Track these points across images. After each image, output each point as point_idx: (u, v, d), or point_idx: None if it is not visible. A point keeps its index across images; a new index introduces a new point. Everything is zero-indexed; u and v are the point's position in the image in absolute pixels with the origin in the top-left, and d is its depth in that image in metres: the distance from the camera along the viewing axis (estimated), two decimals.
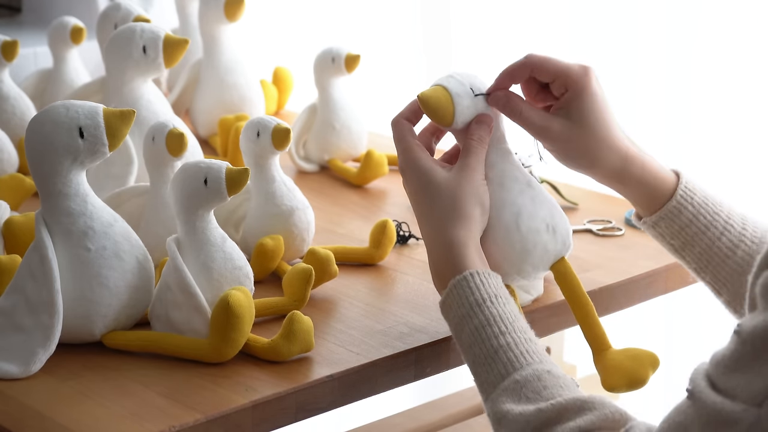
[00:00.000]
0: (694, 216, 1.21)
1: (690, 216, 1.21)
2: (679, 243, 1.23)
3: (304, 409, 1.11)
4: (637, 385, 1.16)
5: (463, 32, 2.14)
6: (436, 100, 1.18)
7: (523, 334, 1.08)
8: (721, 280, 1.23)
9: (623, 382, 1.16)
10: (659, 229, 1.23)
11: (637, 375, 1.16)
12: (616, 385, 1.16)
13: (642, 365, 1.16)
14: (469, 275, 1.11)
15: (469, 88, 1.19)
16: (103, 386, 1.10)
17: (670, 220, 1.22)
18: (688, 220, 1.21)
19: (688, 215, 1.21)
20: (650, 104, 1.93)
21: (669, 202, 1.21)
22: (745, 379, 0.86)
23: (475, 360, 1.08)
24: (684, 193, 1.21)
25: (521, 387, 1.04)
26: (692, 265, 1.24)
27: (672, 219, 1.22)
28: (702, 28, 1.85)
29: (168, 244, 1.17)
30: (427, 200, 1.16)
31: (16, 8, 2.25)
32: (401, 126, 1.20)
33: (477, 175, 1.17)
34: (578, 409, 1.00)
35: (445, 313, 1.13)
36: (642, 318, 1.97)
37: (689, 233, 1.22)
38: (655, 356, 1.17)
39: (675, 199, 1.21)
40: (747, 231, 1.22)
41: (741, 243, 1.21)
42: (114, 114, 1.14)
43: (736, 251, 1.21)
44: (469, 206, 1.16)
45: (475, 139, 1.18)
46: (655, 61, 1.91)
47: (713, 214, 1.22)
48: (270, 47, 2.32)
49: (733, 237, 1.21)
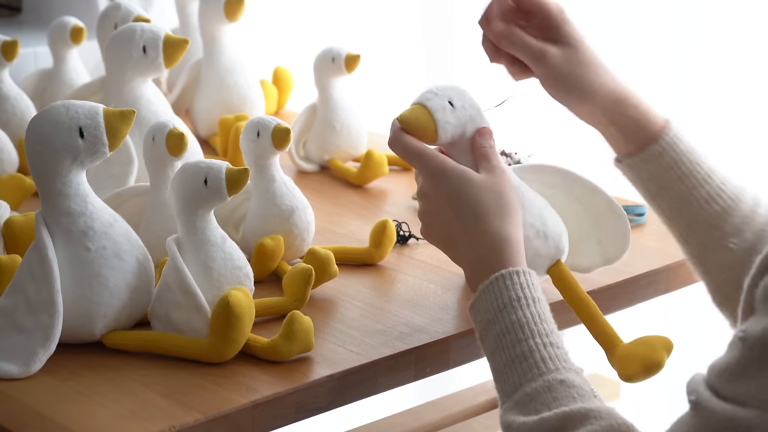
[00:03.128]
0: (674, 162, 1.22)
1: (671, 161, 1.22)
2: (656, 188, 1.23)
3: (304, 408, 1.11)
4: (653, 369, 1.13)
5: (464, 32, 2.14)
6: (416, 120, 1.17)
7: (543, 338, 1.06)
8: (692, 227, 1.23)
9: (639, 368, 1.13)
10: (638, 172, 1.23)
11: (653, 359, 1.13)
12: (633, 373, 1.13)
13: (655, 349, 1.13)
14: (500, 276, 1.09)
15: (447, 102, 1.18)
16: (103, 386, 1.10)
17: (650, 162, 1.22)
18: (668, 165, 1.22)
19: (669, 160, 1.22)
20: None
21: (653, 145, 1.22)
22: (755, 384, 0.86)
23: (496, 367, 1.07)
24: (670, 139, 1.22)
25: (530, 400, 1.02)
26: (666, 212, 1.24)
27: (652, 161, 1.22)
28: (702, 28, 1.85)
29: (168, 244, 1.17)
30: (470, 199, 1.14)
31: (16, 8, 2.25)
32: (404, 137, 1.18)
33: (507, 175, 1.17)
34: (582, 418, 0.99)
35: (473, 315, 1.11)
36: (642, 318, 1.97)
37: (667, 178, 1.22)
38: (668, 339, 1.15)
39: (659, 143, 1.21)
40: (726, 187, 1.23)
41: (717, 197, 1.22)
42: (114, 114, 1.14)
43: (712, 204, 1.22)
44: (515, 202, 1.15)
45: (486, 146, 1.18)
46: (655, 61, 1.91)
47: (695, 164, 1.22)
48: (270, 47, 2.32)
49: (711, 189, 1.22)
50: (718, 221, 1.21)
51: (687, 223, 1.23)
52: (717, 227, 1.21)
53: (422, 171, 1.17)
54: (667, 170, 1.21)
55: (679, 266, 1.38)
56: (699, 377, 0.90)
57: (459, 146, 1.19)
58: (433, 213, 1.17)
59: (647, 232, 1.45)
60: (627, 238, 1.26)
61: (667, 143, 1.21)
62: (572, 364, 1.05)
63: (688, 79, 1.89)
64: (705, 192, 1.21)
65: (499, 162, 1.17)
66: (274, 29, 2.35)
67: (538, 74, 1.22)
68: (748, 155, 1.85)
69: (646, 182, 1.23)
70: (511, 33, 1.22)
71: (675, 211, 1.23)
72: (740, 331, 0.87)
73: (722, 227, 1.22)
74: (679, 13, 1.87)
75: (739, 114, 1.85)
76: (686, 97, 1.89)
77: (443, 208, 1.15)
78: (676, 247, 1.29)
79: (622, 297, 1.34)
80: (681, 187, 1.22)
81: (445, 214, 1.15)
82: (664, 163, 1.21)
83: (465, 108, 1.19)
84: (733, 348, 0.88)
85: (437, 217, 1.17)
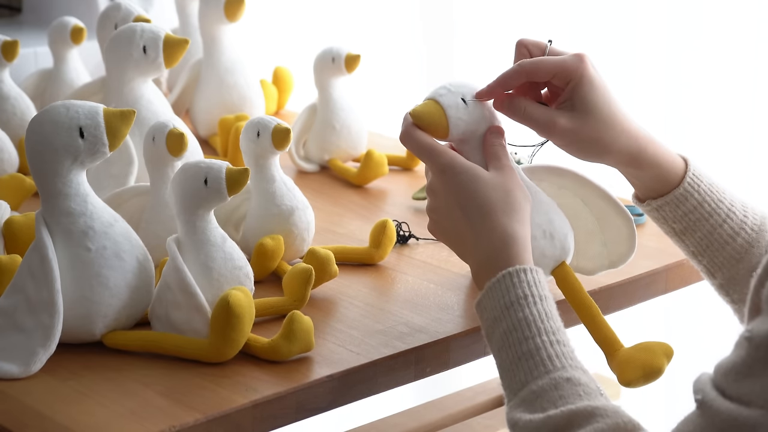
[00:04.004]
0: (698, 203, 1.22)
1: (695, 203, 1.22)
2: (681, 227, 1.23)
3: (304, 408, 1.11)
4: (653, 375, 1.14)
5: (464, 32, 2.14)
6: (428, 115, 1.17)
7: (550, 336, 1.06)
8: (717, 265, 1.24)
9: (639, 374, 1.13)
10: (663, 213, 1.23)
11: (653, 365, 1.13)
12: (633, 378, 1.14)
13: (656, 355, 1.14)
14: (507, 273, 1.09)
15: (460, 99, 1.19)
16: (103, 386, 1.10)
17: (675, 206, 1.22)
18: (693, 207, 1.22)
19: (694, 202, 1.22)
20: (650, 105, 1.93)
21: (676, 189, 1.22)
22: (760, 384, 0.86)
23: (502, 364, 1.07)
24: (692, 180, 1.22)
25: (537, 397, 1.02)
26: (690, 248, 1.24)
27: (677, 204, 1.22)
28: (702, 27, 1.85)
29: (168, 244, 1.17)
30: (478, 196, 1.14)
31: (16, 8, 2.25)
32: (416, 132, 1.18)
33: (516, 174, 1.17)
34: (588, 416, 0.99)
35: (479, 312, 1.11)
36: (642, 318, 1.97)
37: (692, 219, 1.22)
38: (668, 346, 1.15)
39: (683, 186, 1.22)
40: (748, 219, 1.23)
41: (741, 231, 1.22)
42: (114, 114, 1.14)
43: (736, 238, 1.22)
44: (523, 201, 1.15)
45: (497, 145, 1.18)
46: (656, 62, 1.91)
47: (717, 201, 1.22)
48: (270, 47, 2.32)
49: (734, 224, 1.22)
50: (743, 254, 1.22)
51: (713, 260, 1.24)
52: (742, 260, 1.23)
53: (432, 167, 1.17)
54: (691, 211, 1.22)
55: (679, 266, 1.38)
56: (705, 377, 0.90)
57: (470, 144, 1.19)
58: (441, 209, 1.17)
59: (647, 232, 1.45)
60: (633, 243, 1.26)
61: (689, 184, 1.22)
62: (579, 362, 1.05)
63: (688, 79, 1.89)
64: (729, 227, 1.22)
65: (509, 161, 1.17)
66: (274, 29, 2.35)
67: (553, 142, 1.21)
68: (748, 155, 1.85)
69: (671, 222, 1.23)
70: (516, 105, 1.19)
71: (700, 249, 1.24)
72: (746, 331, 0.87)
73: (747, 259, 1.23)
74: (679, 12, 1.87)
75: (739, 114, 1.85)
76: (686, 97, 1.89)
77: (451, 204, 1.15)
78: (676, 247, 1.29)
79: (622, 297, 1.34)
80: (706, 226, 1.22)
81: (452, 211, 1.15)
82: (688, 205, 1.22)
83: (477, 105, 1.19)
84: (739, 348, 0.88)
85: (445, 214, 1.17)
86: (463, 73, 2.15)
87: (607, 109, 1.18)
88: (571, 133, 1.18)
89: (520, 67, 1.18)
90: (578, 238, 1.25)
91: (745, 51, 1.82)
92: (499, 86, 1.19)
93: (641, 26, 1.92)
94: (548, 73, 1.18)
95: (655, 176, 1.22)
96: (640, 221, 1.47)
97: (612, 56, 1.93)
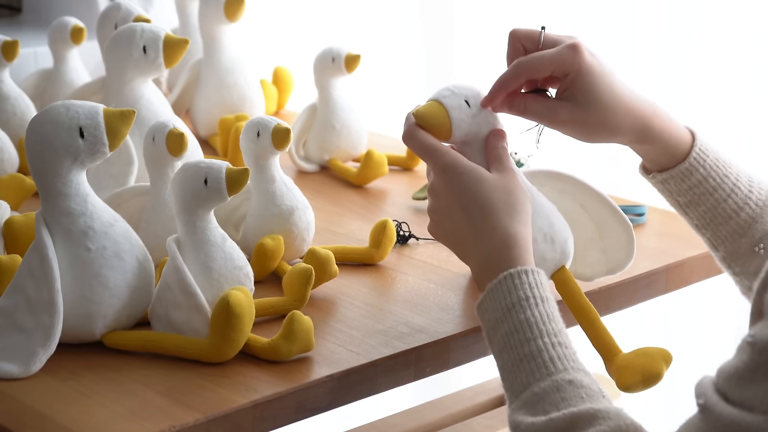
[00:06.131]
0: (703, 178, 1.22)
1: (700, 177, 1.22)
2: (685, 200, 1.24)
3: (304, 408, 1.11)
4: (652, 381, 1.14)
5: (464, 32, 2.14)
6: (431, 115, 1.18)
7: (552, 338, 1.05)
8: (720, 238, 1.24)
9: (638, 379, 1.13)
10: (667, 186, 1.24)
11: (651, 370, 1.13)
12: (631, 383, 1.14)
13: (654, 360, 1.14)
14: (509, 275, 1.09)
15: (464, 101, 1.19)
16: (103, 386, 1.10)
17: (680, 180, 1.23)
18: (698, 181, 1.22)
19: (699, 176, 1.22)
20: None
21: (682, 163, 1.22)
22: (763, 389, 0.85)
23: (504, 366, 1.07)
24: (698, 155, 1.22)
25: (539, 400, 1.02)
26: (694, 221, 1.25)
27: (682, 178, 1.23)
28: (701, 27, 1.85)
29: (168, 244, 1.17)
30: (480, 197, 1.14)
31: (16, 8, 2.25)
32: (419, 132, 1.18)
33: (518, 176, 1.17)
34: (591, 418, 0.99)
35: (480, 314, 1.11)
36: (642, 318, 1.97)
37: (696, 192, 1.23)
38: (667, 351, 1.15)
39: (688, 161, 1.22)
40: (753, 194, 1.24)
41: (745, 206, 1.23)
42: (114, 114, 1.14)
43: (740, 213, 1.23)
44: (525, 202, 1.15)
45: (500, 148, 1.18)
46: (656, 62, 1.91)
47: (723, 176, 1.23)
48: (270, 47, 2.32)
49: (738, 200, 1.23)
50: (746, 229, 1.23)
51: (716, 234, 1.24)
52: (745, 234, 1.23)
53: (434, 167, 1.17)
54: (696, 185, 1.22)
55: (679, 266, 1.38)
56: (707, 380, 0.90)
57: (472, 146, 1.19)
58: (442, 209, 1.17)
59: (647, 232, 1.45)
60: (631, 251, 1.26)
61: (695, 159, 1.22)
62: (581, 363, 1.05)
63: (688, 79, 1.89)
64: (732, 202, 1.22)
65: (511, 163, 1.17)
66: (274, 29, 2.35)
67: (561, 131, 1.21)
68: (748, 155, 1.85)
69: (675, 195, 1.24)
70: (516, 104, 1.20)
71: (704, 223, 1.24)
72: (749, 335, 0.87)
73: (750, 234, 1.23)
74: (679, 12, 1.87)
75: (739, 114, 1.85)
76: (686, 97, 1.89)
77: (453, 204, 1.15)
78: (676, 247, 1.29)
79: (622, 297, 1.34)
80: (710, 200, 1.23)
81: (454, 211, 1.15)
82: (692, 179, 1.22)
83: (480, 108, 1.19)
84: (741, 352, 0.87)
85: (446, 214, 1.17)
86: (463, 73, 2.15)
87: (609, 94, 1.18)
88: (574, 123, 1.19)
89: (518, 68, 1.18)
90: (577, 244, 1.25)
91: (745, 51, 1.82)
92: (500, 90, 1.19)
93: (641, 26, 1.92)
94: (546, 70, 1.18)
95: (661, 150, 1.22)
96: (640, 221, 1.47)
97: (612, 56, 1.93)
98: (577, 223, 1.25)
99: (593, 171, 1.90)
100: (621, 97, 1.18)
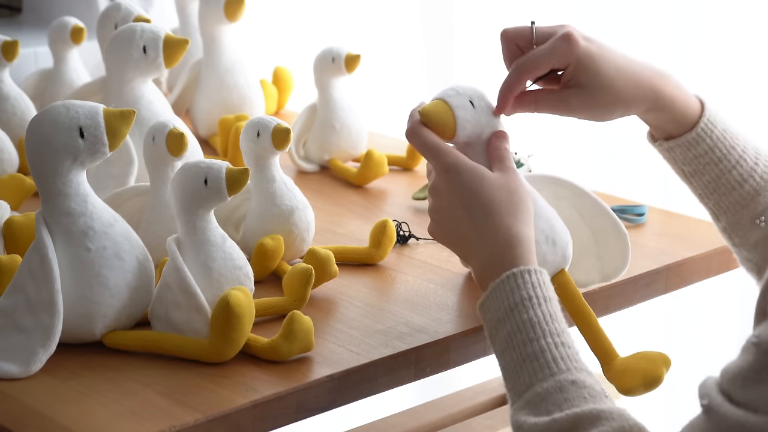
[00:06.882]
0: (710, 148, 1.23)
1: (706, 147, 1.23)
2: (690, 170, 1.25)
3: (304, 408, 1.11)
4: (653, 383, 1.14)
5: (464, 32, 2.14)
6: (437, 114, 1.18)
7: (555, 338, 1.05)
8: (722, 209, 1.25)
9: (639, 381, 1.13)
10: (673, 154, 1.25)
11: (652, 373, 1.13)
12: (632, 386, 1.14)
13: (655, 364, 1.14)
14: (512, 274, 1.09)
15: (468, 101, 1.19)
16: (103, 386, 1.10)
17: (686, 149, 1.24)
18: (704, 151, 1.23)
19: (705, 146, 1.23)
20: None
21: (689, 132, 1.23)
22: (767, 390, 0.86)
23: (506, 366, 1.07)
24: (705, 125, 1.23)
25: (541, 400, 1.02)
26: (698, 190, 1.26)
27: (688, 148, 1.24)
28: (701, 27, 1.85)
29: (168, 244, 1.17)
30: (482, 196, 1.14)
31: (16, 8, 2.25)
32: (423, 130, 1.18)
33: (520, 176, 1.17)
34: (594, 419, 0.98)
35: (482, 313, 1.11)
36: (642, 318, 1.97)
37: (702, 162, 1.24)
38: (666, 356, 1.15)
39: (695, 131, 1.23)
40: (758, 167, 1.25)
41: (750, 178, 1.24)
42: (114, 114, 1.14)
43: (744, 185, 1.24)
44: (527, 202, 1.15)
45: (502, 149, 1.18)
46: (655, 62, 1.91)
47: (729, 147, 1.24)
48: (270, 47, 2.32)
49: (743, 171, 1.24)
50: (749, 201, 1.24)
51: (718, 204, 1.26)
52: (747, 206, 1.24)
53: (436, 165, 1.17)
54: (702, 155, 1.24)
55: (679, 266, 1.38)
56: (711, 381, 0.90)
57: (474, 147, 1.19)
58: (443, 209, 1.17)
59: (647, 232, 1.45)
60: (627, 258, 1.26)
61: (703, 129, 1.23)
62: (583, 364, 1.05)
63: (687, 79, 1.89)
64: (737, 174, 1.24)
65: (513, 165, 1.17)
66: (274, 29, 2.35)
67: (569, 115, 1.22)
68: None
69: (680, 164, 1.25)
70: (526, 103, 1.21)
71: (708, 192, 1.26)
72: (754, 336, 0.87)
73: (752, 206, 1.24)
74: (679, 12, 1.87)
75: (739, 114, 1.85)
76: None
77: (454, 204, 1.15)
78: (676, 247, 1.29)
79: (622, 297, 1.34)
80: (714, 170, 1.24)
81: (455, 210, 1.15)
82: (698, 149, 1.23)
83: (484, 109, 1.19)
84: (746, 353, 0.87)
85: (448, 213, 1.16)
86: (463, 73, 2.15)
87: (614, 72, 1.20)
88: (588, 106, 1.20)
89: (518, 70, 1.20)
90: (573, 250, 1.25)
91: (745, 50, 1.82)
92: (507, 95, 1.20)
93: (641, 26, 1.92)
94: (545, 66, 1.20)
95: (670, 118, 1.23)
96: (640, 221, 1.47)
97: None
98: (574, 229, 1.25)
99: (593, 171, 1.90)
100: (625, 70, 1.20)
